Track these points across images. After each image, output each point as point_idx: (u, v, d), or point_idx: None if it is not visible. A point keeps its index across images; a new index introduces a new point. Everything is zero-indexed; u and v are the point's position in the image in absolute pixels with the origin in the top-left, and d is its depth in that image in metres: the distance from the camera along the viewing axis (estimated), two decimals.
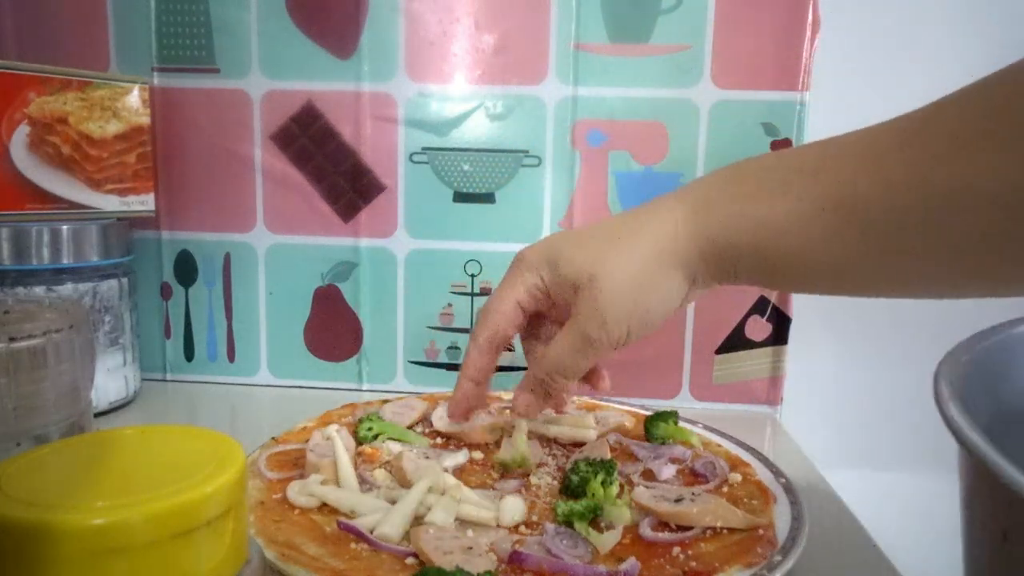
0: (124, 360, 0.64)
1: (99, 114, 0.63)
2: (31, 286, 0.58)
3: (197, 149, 0.69)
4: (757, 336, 0.68)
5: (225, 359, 0.72)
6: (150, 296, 0.71)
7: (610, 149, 0.67)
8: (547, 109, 0.67)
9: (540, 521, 0.42)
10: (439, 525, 0.40)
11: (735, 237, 0.39)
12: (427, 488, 0.43)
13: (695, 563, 0.38)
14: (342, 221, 0.70)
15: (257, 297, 0.71)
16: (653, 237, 0.41)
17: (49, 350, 0.39)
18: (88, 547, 0.19)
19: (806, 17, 0.64)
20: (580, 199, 0.68)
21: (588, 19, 0.65)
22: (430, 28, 0.66)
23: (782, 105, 0.65)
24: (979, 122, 0.30)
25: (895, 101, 0.69)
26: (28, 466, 0.23)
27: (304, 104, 0.68)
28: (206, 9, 0.67)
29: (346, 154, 0.68)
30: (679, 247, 0.40)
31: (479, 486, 0.47)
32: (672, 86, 0.66)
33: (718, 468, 0.49)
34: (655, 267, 0.41)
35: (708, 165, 0.67)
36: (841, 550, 0.44)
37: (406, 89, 0.67)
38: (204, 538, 0.21)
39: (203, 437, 0.25)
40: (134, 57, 0.68)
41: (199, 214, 0.70)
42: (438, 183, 0.69)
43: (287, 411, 0.62)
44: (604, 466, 0.44)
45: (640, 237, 0.41)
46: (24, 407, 0.38)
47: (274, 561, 0.36)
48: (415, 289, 0.70)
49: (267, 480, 0.46)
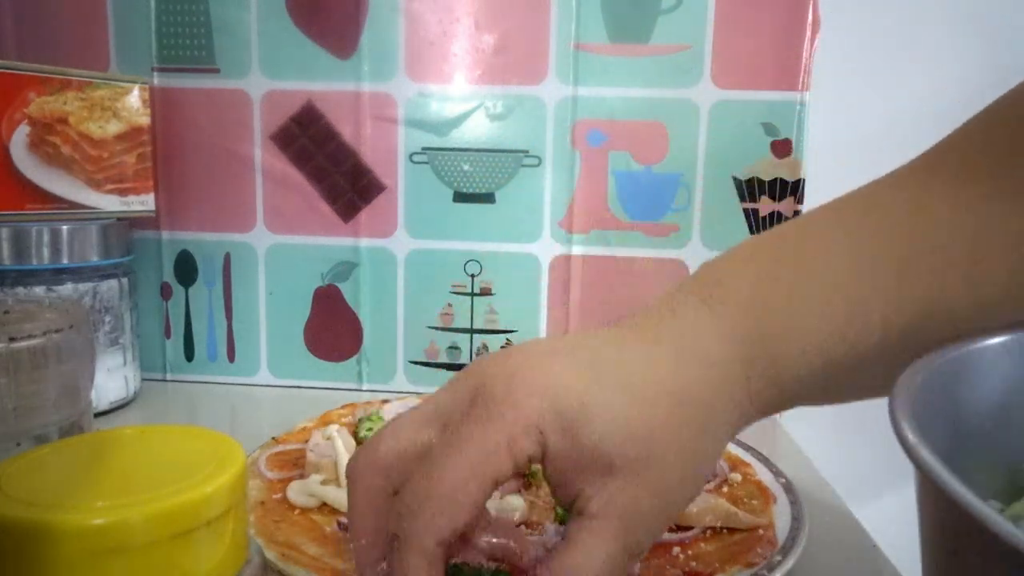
0: (124, 360, 0.64)
1: (99, 114, 0.63)
2: (31, 286, 0.58)
3: (197, 149, 0.69)
4: None
5: (225, 359, 0.72)
6: (150, 296, 0.71)
7: (610, 149, 0.67)
8: (547, 109, 0.67)
9: (540, 521, 0.42)
10: None
11: (797, 391, 0.31)
12: None
13: (695, 563, 0.38)
14: (342, 221, 0.70)
15: (257, 297, 0.71)
16: (709, 390, 0.30)
17: (49, 350, 0.39)
18: (88, 547, 0.19)
19: (806, 17, 0.64)
20: (580, 199, 0.68)
21: (588, 19, 0.65)
22: (430, 28, 0.66)
23: (782, 105, 0.65)
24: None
25: (895, 101, 0.69)
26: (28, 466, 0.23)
27: (304, 104, 0.68)
28: (206, 9, 0.67)
29: (346, 154, 0.68)
30: (738, 404, 0.31)
31: None
32: (672, 86, 0.66)
33: (718, 468, 0.49)
34: (715, 438, 0.31)
35: (708, 165, 0.66)
36: (841, 550, 0.44)
37: (406, 89, 0.67)
38: (204, 538, 0.21)
39: (203, 437, 0.25)
40: (134, 57, 0.68)
41: (199, 214, 0.70)
42: (438, 183, 0.69)
43: (287, 411, 0.62)
44: None
45: (693, 391, 0.30)
46: (24, 407, 0.38)
47: (274, 561, 0.36)
48: (415, 289, 0.70)
49: (267, 480, 0.46)
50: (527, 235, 0.69)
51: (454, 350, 0.71)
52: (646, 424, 0.28)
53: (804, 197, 0.66)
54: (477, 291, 0.70)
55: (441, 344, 0.71)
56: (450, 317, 0.70)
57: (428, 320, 0.71)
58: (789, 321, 0.30)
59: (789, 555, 0.38)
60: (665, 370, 0.30)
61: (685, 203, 0.67)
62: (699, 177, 0.67)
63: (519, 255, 0.69)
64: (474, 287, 0.70)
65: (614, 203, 0.68)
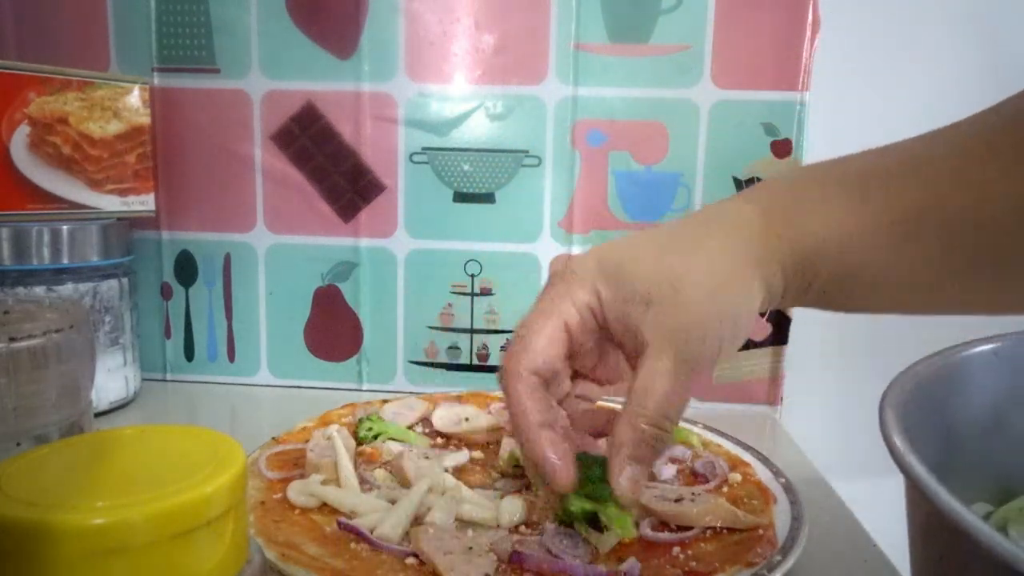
0: (124, 360, 0.64)
1: (99, 114, 0.63)
2: (31, 286, 0.58)
3: (197, 149, 0.69)
4: (757, 336, 0.68)
5: (225, 359, 0.72)
6: (150, 296, 0.71)
7: (610, 149, 0.67)
8: (547, 109, 0.67)
9: (540, 521, 0.42)
10: (439, 525, 0.40)
11: (814, 247, 0.34)
12: (427, 488, 0.43)
13: (695, 563, 0.38)
14: (342, 221, 0.70)
15: (257, 297, 0.71)
16: (730, 240, 0.35)
17: (49, 350, 0.39)
18: (88, 547, 0.19)
19: (806, 17, 0.64)
20: (580, 199, 0.68)
21: (588, 19, 0.65)
22: (430, 28, 0.66)
23: (782, 105, 0.65)
24: None
25: (895, 101, 0.69)
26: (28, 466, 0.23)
27: (304, 104, 0.68)
28: (206, 9, 0.67)
29: (346, 154, 0.68)
30: (757, 253, 0.35)
31: (479, 486, 0.47)
32: (672, 86, 0.66)
33: (718, 468, 0.49)
34: (739, 271, 0.35)
35: (708, 165, 0.66)
36: (841, 550, 0.44)
37: (406, 89, 0.67)
38: (204, 538, 0.21)
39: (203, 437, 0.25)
40: (134, 57, 0.68)
41: (199, 214, 0.70)
42: (438, 183, 0.69)
43: (287, 411, 0.62)
44: (604, 466, 0.44)
45: (715, 240, 0.36)
46: (24, 407, 0.38)
47: (274, 561, 0.36)
48: (415, 289, 0.70)
49: (267, 480, 0.46)
50: (527, 235, 0.69)
51: (454, 350, 0.71)
52: (674, 261, 0.35)
53: None
54: (477, 291, 0.70)
55: (441, 344, 0.71)
56: (450, 317, 0.70)
57: (428, 320, 0.71)
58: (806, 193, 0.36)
59: (789, 555, 0.38)
60: (681, 226, 0.38)
61: (685, 203, 0.67)
62: (699, 177, 0.67)
63: (519, 255, 0.69)
64: (474, 287, 0.70)
65: (614, 203, 0.68)
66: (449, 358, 0.71)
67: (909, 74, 0.68)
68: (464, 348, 0.71)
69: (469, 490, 0.45)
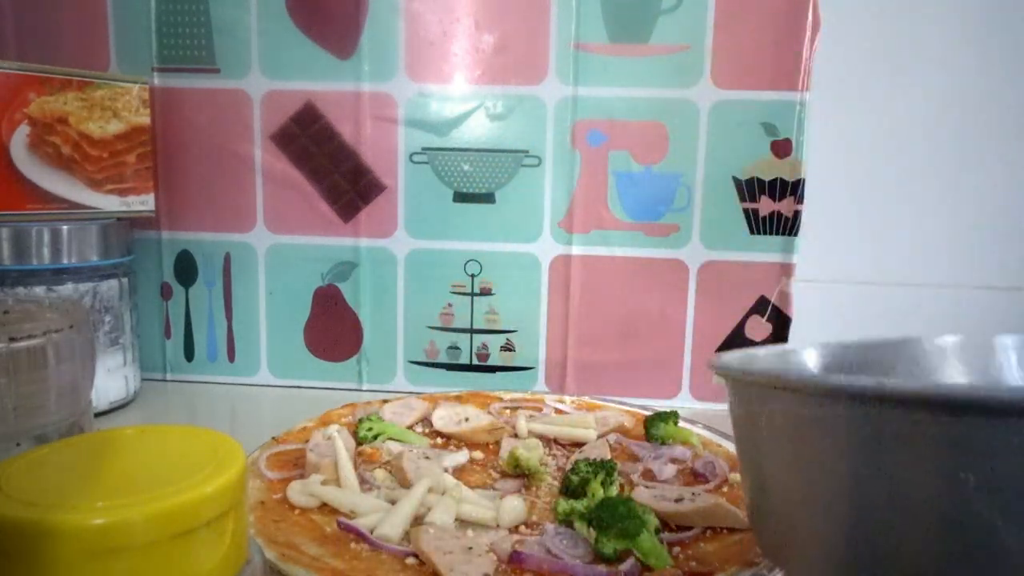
0: (124, 360, 0.64)
1: (99, 114, 0.63)
2: (31, 286, 0.58)
3: (197, 149, 0.69)
4: (757, 336, 0.68)
5: (225, 359, 0.72)
6: (150, 296, 0.71)
7: (610, 149, 0.67)
8: (547, 109, 0.67)
9: (540, 521, 0.42)
10: (439, 525, 0.40)
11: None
12: (427, 488, 0.43)
13: (695, 563, 0.38)
14: (342, 221, 0.70)
15: (257, 297, 0.71)
16: None
17: (49, 350, 0.39)
18: (88, 547, 0.19)
19: (806, 17, 0.64)
20: (580, 199, 0.68)
21: (588, 19, 0.65)
22: (430, 28, 0.66)
23: (782, 105, 0.65)
24: None
25: (895, 101, 0.69)
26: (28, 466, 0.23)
27: (304, 104, 0.68)
28: (206, 9, 0.67)
29: (346, 154, 0.68)
30: None
31: (479, 486, 0.47)
32: (672, 86, 0.66)
33: (718, 468, 0.49)
34: None
35: (708, 165, 0.66)
36: None
37: (406, 89, 0.67)
38: (204, 538, 0.21)
39: (203, 437, 0.25)
40: (134, 57, 0.68)
41: (199, 214, 0.70)
42: (438, 183, 0.69)
43: (287, 411, 0.62)
44: (604, 466, 0.44)
45: None
46: (24, 407, 0.38)
47: (274, 561, 0.36)
48: (415, 289, 0.70)
49: (267, 480, 0.46)
50: (527, 235, 0.69)
51: (454, 350, 0.71)
52: None
53: (804, 197, 0.66)
54: (477, 291, 0.70)
55: (441, 344, 0.71)
56: (450, 317, 0.70)
57: (428, 320, 0.71)
58: None
59: None
60: None
61: (685, 203, 0.67)
62: (699, 177, 0.67)
63: (519, 255, 0.69)
64: (474, 287, 0.70)
65: (614, 203, 0.68)
66: (449, 358, 0.71)
67: (909, 74, 0.68)
68: (464, 348, 0.71)
69: (469, 490, 0.45)
